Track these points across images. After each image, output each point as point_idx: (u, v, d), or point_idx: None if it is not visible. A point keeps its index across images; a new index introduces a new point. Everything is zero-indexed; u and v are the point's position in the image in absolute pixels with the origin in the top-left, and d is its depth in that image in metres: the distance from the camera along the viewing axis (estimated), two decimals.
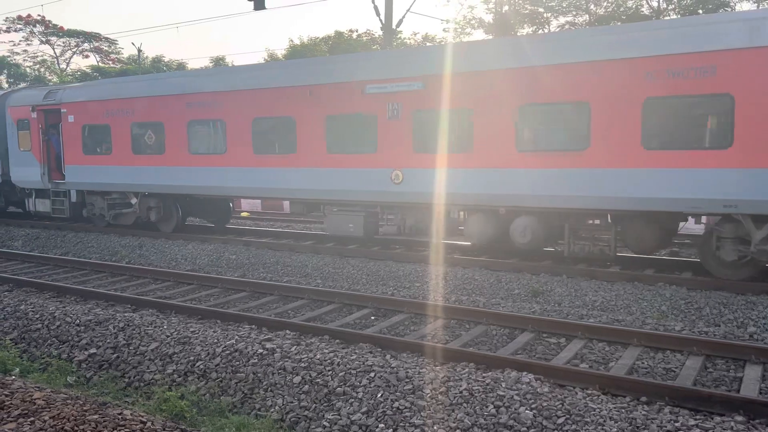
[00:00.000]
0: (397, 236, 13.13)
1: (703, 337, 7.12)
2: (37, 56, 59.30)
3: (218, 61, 47.22)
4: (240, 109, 14.05)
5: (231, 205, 17.85)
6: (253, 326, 8.09)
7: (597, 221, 11.50)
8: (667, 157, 9.75)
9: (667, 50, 9.60)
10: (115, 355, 7.29)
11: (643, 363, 6.73)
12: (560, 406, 5.24)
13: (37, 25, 55.49)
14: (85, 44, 58.06)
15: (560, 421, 5.04)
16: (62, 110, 17.22)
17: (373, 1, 22.70)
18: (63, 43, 58.04)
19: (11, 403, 5.11)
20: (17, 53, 58.38)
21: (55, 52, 59.31)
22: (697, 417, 5.22)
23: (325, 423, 5.53)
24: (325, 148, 13.00)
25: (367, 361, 6.31)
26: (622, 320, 8.26)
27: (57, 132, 17.79)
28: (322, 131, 13.00)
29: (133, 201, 16.26)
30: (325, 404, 5.80)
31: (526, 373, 5.96)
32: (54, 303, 9.36)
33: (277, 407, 5.90)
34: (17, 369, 6.91)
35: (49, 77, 57.06)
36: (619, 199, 10.21)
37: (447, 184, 11.66)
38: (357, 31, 43.26)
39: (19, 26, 55.49)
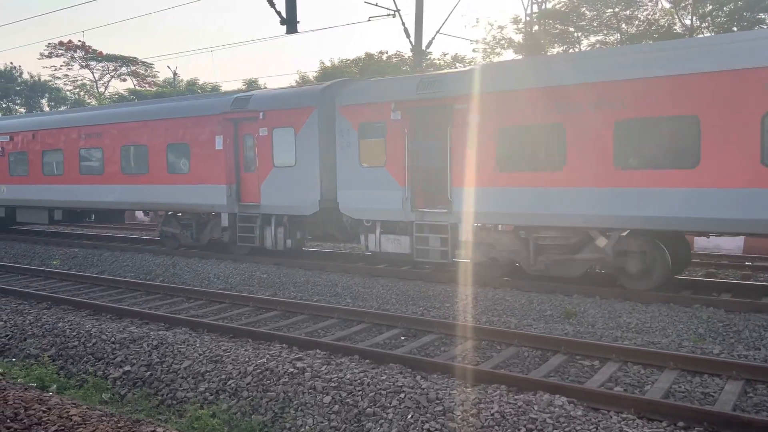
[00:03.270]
0: None
1: (742, 361, 6.93)
2: (77, 80, 61.38)
3: (251, 84, 47.98)
4: None
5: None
6: (284, 345, 8.13)
7: None
8: None
9: None
10: (148, 373, 7.39)
11: (679, 387, 6.57)
12: (594, 430, 5.14)
13: (78, 51, 57.47)
14: (123, 68, 59.85)
15: None
16: (456, 106, 11.81)
17: (403, 24, 22.97)
18: (102, 67, 59.92)
19: (48, 419, 5.22)
20: (58, 78, 60.54)
21: (94, 76, 61.26)
22: None
23: None
24: None
25: (397, 381, 6.29)
26: (657, 343, 8.09)
27: (425, 139, 13.16)
28: None
29: (601, 243, 10.85)
30: (355, 425, 5.78)
31: (559, 396, 5.86)
32: (90, 321, 9.55)
33: (307, 427, 5.90)
34: (54, 385, 7.06)
35: (88, 100, 58.84)
36: None
37: None
38: (387, 53, 43.62)
39: (60, 52, 57.55)
